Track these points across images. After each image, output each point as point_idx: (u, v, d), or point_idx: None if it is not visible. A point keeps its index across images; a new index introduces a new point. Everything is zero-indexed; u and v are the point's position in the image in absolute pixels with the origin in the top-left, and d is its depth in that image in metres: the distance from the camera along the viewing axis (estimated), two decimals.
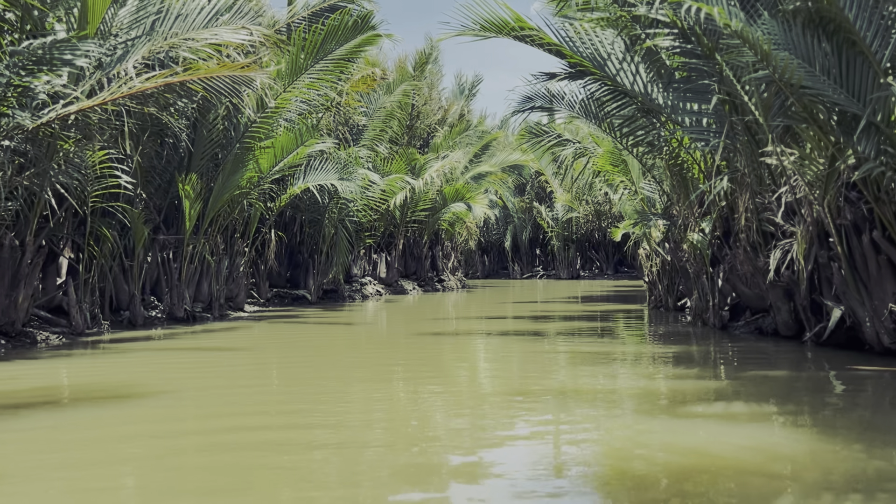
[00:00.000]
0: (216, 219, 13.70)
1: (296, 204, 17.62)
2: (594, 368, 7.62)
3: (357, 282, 20.68)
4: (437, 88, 25.30)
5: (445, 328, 12.31)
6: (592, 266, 36.88)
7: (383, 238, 22.74)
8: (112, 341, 10.09)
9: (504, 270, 37.56)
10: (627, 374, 7.25)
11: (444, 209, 23.56)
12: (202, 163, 12.95)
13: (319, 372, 7.85)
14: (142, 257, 12.23)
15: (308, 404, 6.02)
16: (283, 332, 11.96)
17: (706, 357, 8.47)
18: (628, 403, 5.82)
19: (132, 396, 6.23)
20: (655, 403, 5.74)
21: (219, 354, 9.19)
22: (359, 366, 8.36)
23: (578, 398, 5.99)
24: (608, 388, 6.51)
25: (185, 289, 12.73)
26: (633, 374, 7.29)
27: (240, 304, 14.70)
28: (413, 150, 21.84)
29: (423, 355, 9.12)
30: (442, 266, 25.53)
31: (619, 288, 26.25)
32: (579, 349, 9.26)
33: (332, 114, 15.74)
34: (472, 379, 7.48)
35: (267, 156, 13.37)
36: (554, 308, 16.98)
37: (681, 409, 5.50)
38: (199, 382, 7.05)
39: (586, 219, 35.95)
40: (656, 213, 14.12)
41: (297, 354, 9.39)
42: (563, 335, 10.94)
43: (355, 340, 10.99)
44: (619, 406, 5.75)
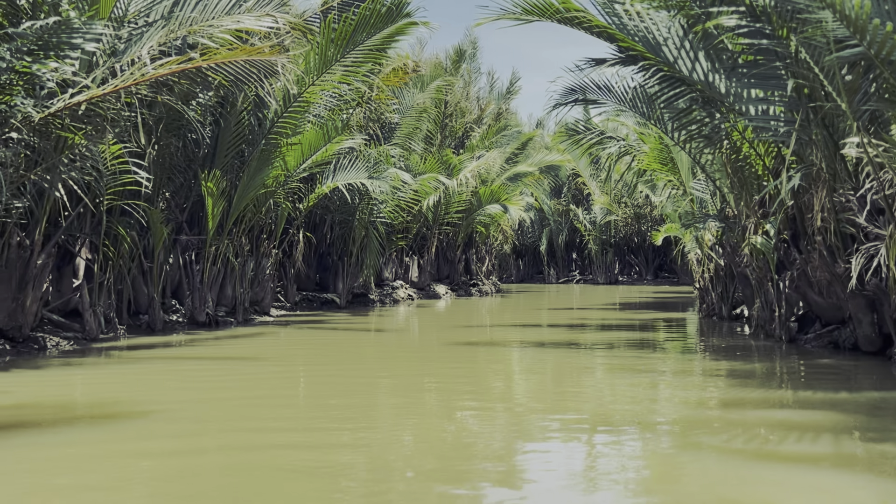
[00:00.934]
0: (241, 219, 13.06)
1: (325, 204, 16.95)
2: (639, 389, 6.74)
3: (388, 285, 19.95)
4: (474, 87, 24.52)
5: (479, 337, 11.49)
6: (631, 271, 35.74)
7: (415, 240, 22.00)
8: (127, 348, 9.46)
9: (539, 275, 36.60)
10: (679, 398, 6.35)
11: (479, 211, 22.74)
12: (227, 160, 12.32)
13: (345, 387, 7.08)
14: (162, 259, 11.63)
15: (333, 422, 5.25)
16: (308, 339, 11.25)
17: (773, 376, 7.52)
18: (680, 437, 4.91)
19: (122, 416, 5.52)
20: (713, 437, 4.81)
21: (238, 365, 8.48)
22: (387, 379, 7.59)
23: (622, 428, 5.13)
24: (656, 416, 5.62)
25: (207, 292, 12.10)
26: (686, 397, 6.39)
27: (265, 307, 14.05)
28: (447, 150, 21.07)
29: (456, 369, 8.32)
30: (476, 270, 24.72)
31: (661, 294, 25.17)
32: (622, 364, 8.37)
33: (362, 110, 15.04)
34: (505, 397, 6.65)
35: (294, 153, 12.70)
36: (592, 316, 16.05)
37: (747, 445, 4.59)
38: (207, 394, 6.33)
39: (625, 222, 34.85)
40: (710, 214, 13.14)
41: (321, 367, 8.65)
42: (603, 347, 10.05)
43: (384, 350, 10.23)
44: (670, 440, 4.85)
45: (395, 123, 18.03)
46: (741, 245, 10.69)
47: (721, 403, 6.01)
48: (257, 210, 13.19)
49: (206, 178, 11.45)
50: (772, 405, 5.86)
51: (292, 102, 11.98)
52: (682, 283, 32.92)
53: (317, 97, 12.09)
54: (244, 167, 12.44)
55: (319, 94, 12.07)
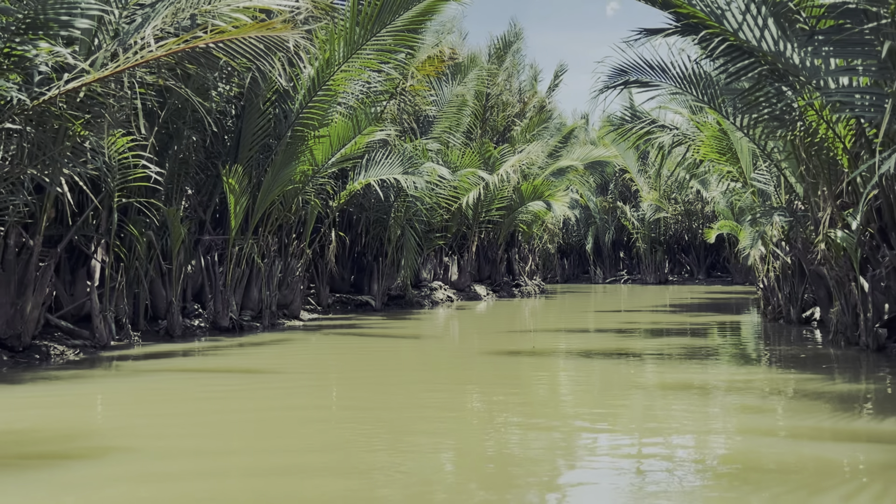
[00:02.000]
0: (267, 217, 12.33)
1: (359, 202, 16.16)
2: (707, 412, 5.70)
3: (426, 287, 19.07)
4: (516, 80, 23.48)
5: (521, 344, 10.52)
6: (682, 270, 34.27)
7: (455, 239, 21.08)
8: (138, 357, 8.75)
9: (585, 274, 35.35)
10: (756, 427, 5.30)
11: (521, 208, 21.71)
12: (250, 154, 11.58)
13: (376, 405, 6.21)
14: (182, 260, 10.94)
15: (365, 447, 4.37)
16: (337, 348, 10.42)
17: (866, 396, 6.39)
18: (764, 490, 3.86)
19: (92, 454, 4.72)
20: (811, 489, 3.79)
21: (255, 380, 7.67)
22: (424, 395, 6.69)
23: (687, 466, 4.12)
24: (730, 450, 4.59)
25: (230, 295, 11.37)
26: (764, 424, 5.33)
27: (295, 311, 13.29)
28: (488, 142, 20.09)
29: (497, 385, 7.38)
30: (518, 270, 23.69)
31: (715, 295, 23.80)
32: (680, 378, 7.32)
33: (396, 102, 14.20)
34: (552, 416, 5.69)
35: (322, 146, 11.90)
36: (642, 319, 14.91)
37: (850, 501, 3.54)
38: (210, 417, 5.51)
39: (675, 219, 33.41)
40: (775, 207, 11.94)
41: (349, 382, 7.79)
42: (657, 356, 8.98)
43: (420, 360, 9.33)
44: (750, 493, 3.82)
45: (433, 117, 17.13)
46: (815, 240, 9.51)
47: (814, 433, 4.95)
48: (284, 208, 12.44)
49: (228, 174, 10.72)
50: (882, 442, 4.78)
51: (317, 90, 11.18)
52: (735, 282, 31.37)
53: (344, 85, 11.27)
54: (269, 162, 11.69)
55: (347, 81, 11.25)
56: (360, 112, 11.67)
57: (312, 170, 12.08)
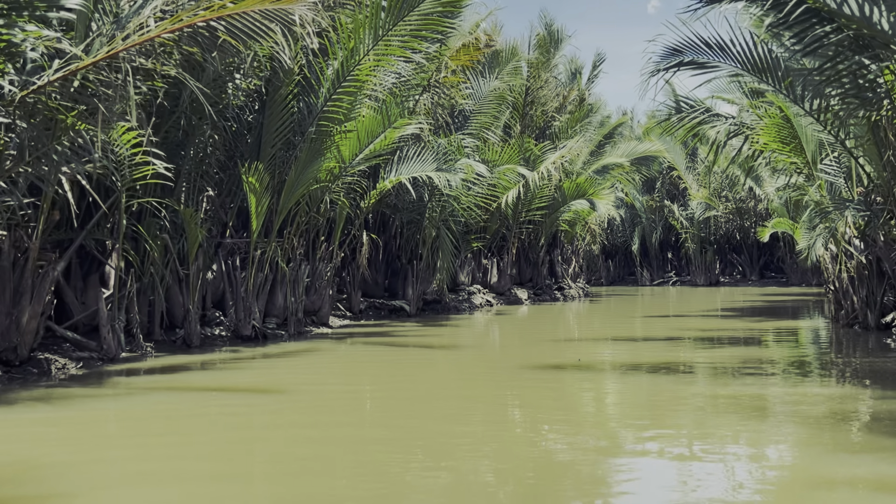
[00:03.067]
0: (292, 218, 11.59)
1: (392, 202, 15.37)
2: (785, 447, 4.70)
3: (464, 290, 18.19)
4: (555, 73, 22.46)
5: (566, 355, 9.57)
6: (733, 271, 32.76)
7: (494, 241, 20.15)
8: (146, 371, 8.05)
9: (631, 276, 34.04)
10: (854, 475, 4.29)
11: (563, 207, 20.69)
12: (273, 151, 10.85)
13: (405, 436, 5.36)
14: (201, 265, 10.25)
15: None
16: (363, 360, 9.60)
17: None
18: None
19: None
20: None
21: (263, 402, 6.89)
22: (457, 425, 5.81)
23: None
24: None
25: (252, 302, 10.65)
26: (864, 470, 4.32)
27: (323, 318, 12.52)
28: (528, 138, 19.14)
29: (542, 407, 6.47)
30: (561, 272, 22.65)
31: (771, 297, 22.43)
32: (746, 397, 6.30)
33: (430, 95, 13.37)
34: (602, 450, 4.76)
35: (349, 142, 11.12)
36: (693, 325, 13.77)
37: None
38: (196, 466, 4.71)
39: (726, 218, 31.93)
40: (848, 200, 10.77)
41: (373, 402, 6.96)
42: (714, 370, 7.95)
43: (453, 377, 8.44)
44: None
45: (469, 112, 16.25)
46: None
47: None
48: (311, 208, 11.69)
49: (248, 172, 10.00)
50: None
51: (342, 81, 10.39)
52: (792, 283, 29.83)
53: (371, 75, 10.46)
54: (293, 159, 10.95)
55: (373, 71, 10.43)
56: (389, 104, 10.85)
57: (339, 167, 11.31)
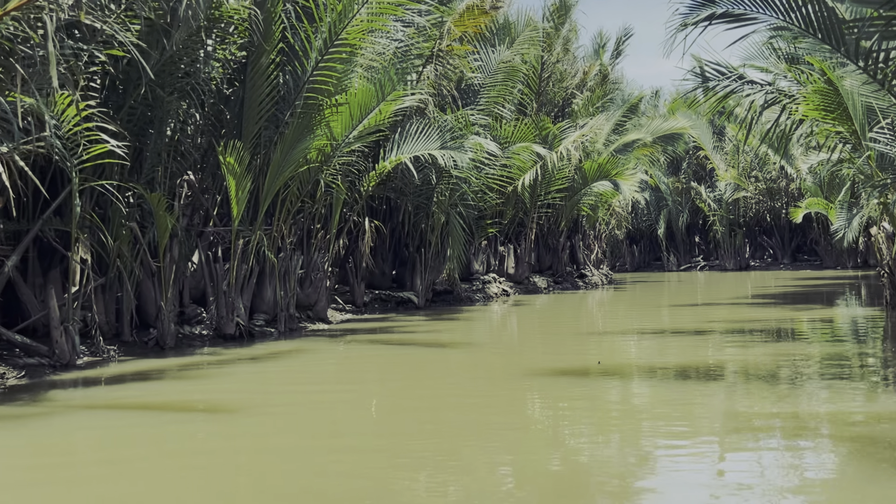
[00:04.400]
0: (281, 203, 10.50)
1: (398, 186, 14.23)
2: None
3: (478, 280, 17.03)
4: (573, 47, 21.11)
5: (585, 355, 8.41)
6: (764, 254, 31.24)
7: (511, 226, 18.95)
8: (102, 381, 7.01)
9: (657, 262, 32.61)
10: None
11: (584, 189, 19.42)
12: (256, 128, 9.76)
13: (393, 476, 4.25)
14: (177, 256, 9.20)
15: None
16: (356, 362, 8.50)
17: None
18: None
19: None
20: None
21: (219, 426, 5.83)
22: (452, 462, 4.69)
23: None
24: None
25: (236, 297, 9.59)
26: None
27: (320, 312, 11.44)
28: (544, 117, 17.87)
29: (554, 436, 5.32)
30: (583, 258, 21.39)
31: (806, 281, 20.98)
32: (812, 418, 5.09)
33: (434, 66, 12.18)
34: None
35: (341, 117, 9.99)
36: (723, 315, 12.47)
37: None
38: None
39: (756, 199, 30.39)
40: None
41: (352, 421, 5.86)
42: (758, 378, 6.73)
43: (453, 388, 7.30)
44: None
45: (479, 86, 15.02)
46: None
47: None
48: (301, 192, 10.59)
49: (225, 151, 8.91)
50: None
51: (331, 45, 9.23)
52: (826, 266, 28.29)
53: (362, 39, 9.29)
54: (278, 137, 9.85)
55: (365, 34, 9.27)
56: (383, 74, 9.69)
57: (331, 146, 10.18)
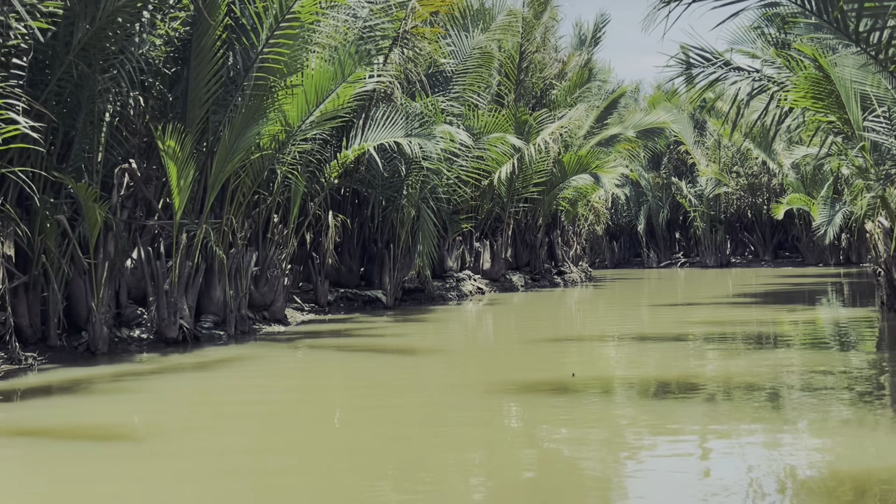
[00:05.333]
0: (232, 195, 9.64)
1: (366, 178, 13.40)
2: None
3: (452, 277, 16.25)
4: (553, 36, 20.37)
5: (558, 365, 7.67)
6: (745, 251, 30.75)
7: (487, 222, 18.19)
8: (2, 396, 6.14)
9: (637, 258, 32.03)
10: None
11: (563, 183, 18.70)
12: (202, 111, 8.89)
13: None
14: (112, 252, 8.33)
15: None
16: (307, 372, 7.69)
17: None
18: None
19: None
20: None
21: (113, 462, 5.01)
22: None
23: None
24: None
25: (179, 297, 8.73)
26: None
27: (277, 313, 10.60)
28: (522, 107, 17.12)
29: (514, 481, 4.56)
30: (561, 255, 20.67)
31: (789, 279, 20.43)
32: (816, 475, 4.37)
33: (400, 49, 11.35)
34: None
35: (296, 101, 9.14)
36: (707, 315, 11.77)
37: None
38: None
39: (737, 194, 29.88)
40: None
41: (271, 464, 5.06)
42: (749, 392, 6.03)
43: (415, 402, 6.53)
44: None
45: (451, 72, 14.22)
46: None
47: None
48: (254, 182, 9.74)
49: (164, 135, 8.04)
50: None
51: (282, 20, 8.38)
52: (808, 263, 27.83)
53: (318, 12, 8.45)
54: (227, 121, 8.99)
55: (322, 10, 8.43)
56: (342, 53, 8.85)
57: (286, 132, 9.34)
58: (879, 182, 8.62)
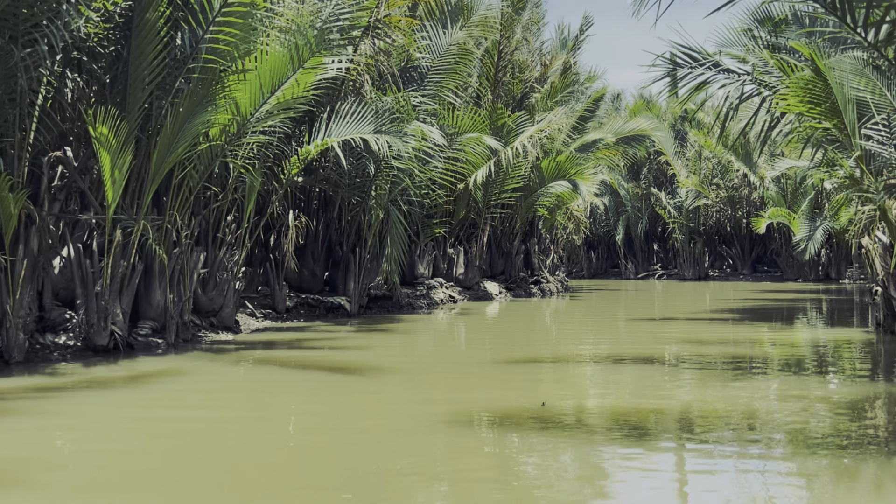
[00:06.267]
0: (177, 189, 8.76)
1: (333, 177, 12.57)
2: None
3: (422, 284, 15.45)
4: (535, 38, 19.68)
5: (529, 390, 6.88)
6: (723, 264, 30.27)
7: (462, 227, 17.42)
8: None
9: (615, 269, 31.44)
10: None
11: (541, 190, 17.99)
12: (144, 95, 8.02)
13: None
14: (35, 249, 7.43)
15: None
16: (237, 394, 6.78)
17: None
18: None
19: None
20: None
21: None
22: None
23: None
24: None
25: (111, 300, 7.83)
26: None
27: (226, 320, 9.72)
28: (501, 107, 16.40)
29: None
30: (538, 264, 19.96)
31: (769, 294, 19.87)
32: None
33: (370, 39, 10.55)
34: None
35: (249, 87, 8.30)
36: (686, 331, 11.05)
37: None
38: None
39: (717, 207, 29.41)
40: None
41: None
42: (739, 435, 5.29)
43: (346, 446, 5.69)
44: None
45: (426, 68, 13.43)
46: None
47: None
48: (202, 176, 8.87)
49: (95, 119, 7.17)
50: None
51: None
52: (787, 278, 27.35)
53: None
54: (171, 108, 8.12)
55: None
56: (299, 37, 8.02)
57: (237, 121, 8.49)
58: (879, 194, 7.95)
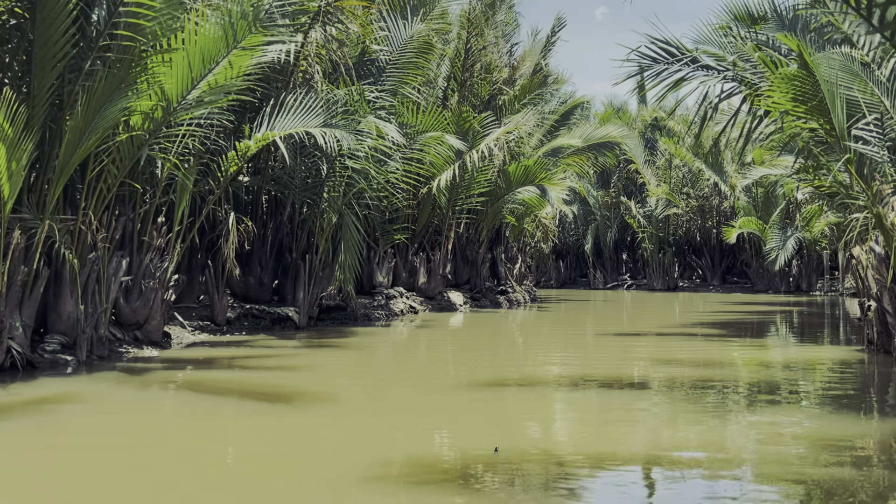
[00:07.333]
0: (92, 185, 7.71)
1: (281, 177, 11.59)
2: None
3: (381, 294, 14.50)
4: (507, 42, 18.89)
5: (481, 429, 5.94)
6: (693, 275, 29.72)
7: (425, 234, 16.50)
8: None
9: (583, 278, 30.79)
10: None
11: (508, 195, 17.16)
12: (51, 78, 6.98)
13: None
14: None
15: None
16: (137, 428, 5.67)
17: None
18: None
19: None
20: None
21: None
22: None
23: None
24: None
25: (9, 311, 6.75)
26: None
27: (152, 334, 8.66)
28: (467, 108, 15.54)
29: None
30: (505, 273, 19.11)
31: (740, 307, 19.20)
32: None
33: (321, 25, 9.60)
34: None
35: (175, 71, 7.29)
36: (657, 349, 10.19)
37: None
38: None
39: (687, 216, 28.88)
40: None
41: None
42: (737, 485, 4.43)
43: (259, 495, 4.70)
44: None
45: (385, 62, 12.51)
46: None
47: None
48: (121, 171, 7.82)
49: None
50: None
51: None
52: (758, 290, 26.85)
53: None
54: (84, 93, 7.08)
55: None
56: (233, 13, 7.05)
57: (162, 109, 7.46)
58: (872, 199, 7.19)
